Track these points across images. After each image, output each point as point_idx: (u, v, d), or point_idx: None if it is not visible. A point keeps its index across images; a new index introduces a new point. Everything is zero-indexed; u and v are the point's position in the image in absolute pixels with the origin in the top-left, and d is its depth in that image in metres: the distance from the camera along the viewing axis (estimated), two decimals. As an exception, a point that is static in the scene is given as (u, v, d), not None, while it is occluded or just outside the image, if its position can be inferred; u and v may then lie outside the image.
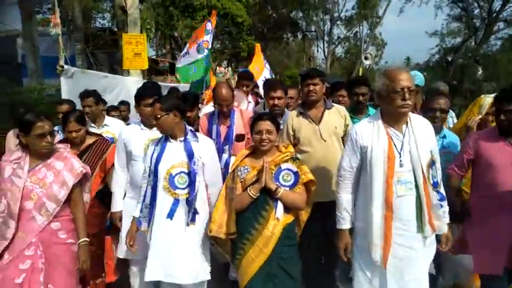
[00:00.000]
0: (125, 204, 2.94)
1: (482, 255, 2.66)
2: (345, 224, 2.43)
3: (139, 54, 5.82)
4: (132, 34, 6.25)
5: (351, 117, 3.30)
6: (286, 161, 2.58)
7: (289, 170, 2.56)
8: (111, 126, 4.02)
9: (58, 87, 10.70)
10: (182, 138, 2.67)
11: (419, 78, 3.92)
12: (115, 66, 17.24)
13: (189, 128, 2.74)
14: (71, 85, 4.49)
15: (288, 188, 2.53)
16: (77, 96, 4.36)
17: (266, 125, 2.54)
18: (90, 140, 3.13)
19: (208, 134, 3.35)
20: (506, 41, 19.32)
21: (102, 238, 3.14)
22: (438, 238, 2.41)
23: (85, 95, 4.05)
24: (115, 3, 14.69)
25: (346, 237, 2.44)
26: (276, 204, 2.49)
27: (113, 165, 3.06)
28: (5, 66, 12.00)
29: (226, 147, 3.33)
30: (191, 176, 2.58)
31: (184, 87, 6.31)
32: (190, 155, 2.61)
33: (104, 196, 3.06)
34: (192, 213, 2.60)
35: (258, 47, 6.24)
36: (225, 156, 3.32)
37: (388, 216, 2.26)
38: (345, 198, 2.43)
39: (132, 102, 3.98)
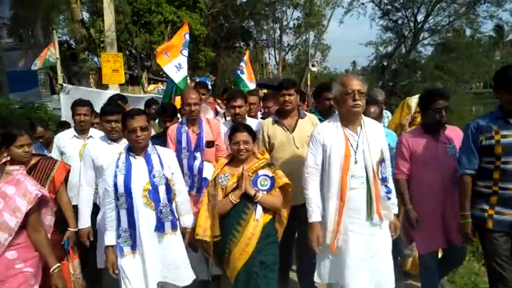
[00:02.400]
0: (101, 219, 2.94)
1: (423, 238, 3.01)
2: (315, 216, 2.58)
3: (117, 71, 6.65)
4: (110, 53, 7.06)
5: (321, 120, 3.38)
6: (263, 167, 2.74)
7: (265, 175, 2.72)
8: (96, 137, 3.78)
9: (24, 101, 11.10)
10: (145, 152, 2.67)
11: None
12: (72, 80, 17.53)
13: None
14: (68, 100, 5.30)
15: (265, 192, 2.69)
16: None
17: (243, 136, 2.70)
18: (33, 161, 2.90)
19: (178, 143, 3.41)
20: (436, 48, 22.02)
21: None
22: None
23: (80, 103, 3.91)
24: (73, 18, 15.14)
25: (317, 229, 2.58)
26: (255, 207, 2.65)
27: (63, 184, 2.95)
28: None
29: (198, 154, 3.37)
30: (167, 186, 2.63)
31: (156, 98, 7.15)
32: (162, 166, 2.64)
33: (57, 220, 2.83)
34: (175, 221, 2.68)
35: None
36: (197, 162, 3.37)
37: (341, 206, 2.50)
38: (313, 193, 2.60)
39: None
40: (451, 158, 2.92)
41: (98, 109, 5.11)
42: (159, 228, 2.60)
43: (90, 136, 3.82)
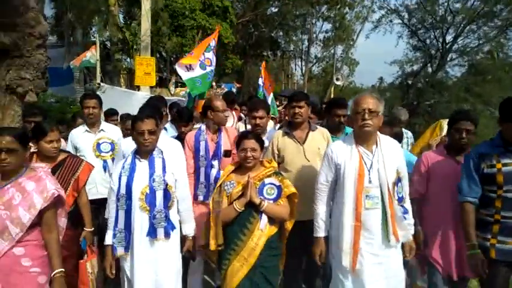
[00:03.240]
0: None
1: (437, 259, 2.94)
2: (320, 232, 2.66)
3: (149, 74, 7.12)
4: (144, 57, 7.59)
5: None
6: (270, 175, 2.69)
7: (272, 184, 2.68)
8: (108, 131, 3.98)
9: (60, 96, 11.73)
10: (150, 155, 2.67)
11: None
12: (104, 78, 18.38)
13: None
14: (104, 99, 5.76)
15: (271, 201, 2.64)
16: (108, 107, 5.11)
17: (251, 143, 2.65)
18: (61, 156, 2.97)
19: (196, 150, 3.40)
20: (469, 69, 21.85)
21: (74, 262, 2.92)
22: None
23: (88, 96, 4.03)
24: (110, 22, 15.91)
25: (321, 244, 2.66)
26: (260, 216, 2.60)
27: (85, 184, 2.99)
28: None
29: (215, 162, 3.37)
30: (165, 192, 2.63)
31: (182, 101, 7.56)
32: (164, 172, 2.64)
33: (76, 217, 2.94)
34: (171, 228, 2.66)
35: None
36: (214, 171, 3.37)
37: (357, 226, 2.49)
38: (321, 209, 2.66)
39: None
40: None
41: (129, 108, 5.43)
42: (151, 233, 2.59)
43: (102, 130, 3.94)
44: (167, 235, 2.63)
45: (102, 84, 5.95)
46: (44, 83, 5.36)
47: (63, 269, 2.37)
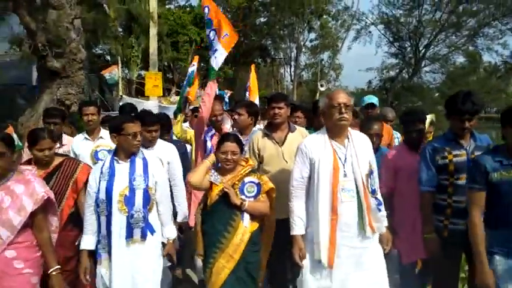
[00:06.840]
0: None
1: (406, 248, 3.09)
2: (298, 230, 2.58)
3: (157, 86, 8.62)
4: (152, 72, 9.07)
5: None
6: (248, 174, 2.75)
7: (251, 182, 2.74)
8: (106, 138, 3.70)
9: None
10: (130, 158, 2.62)
11: (375, 99, 4.79)
12: (103, 87, 19.72)
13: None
14: None
15: (252, 199, 2.69)
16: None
17: (232, 146, 2.66)
18: (57, 161, 2.88)
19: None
20: (448, 75, 23.76)
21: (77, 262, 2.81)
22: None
23: (87, 103, 3.96)
24: (115, 36, 17.17)
25: (300, 243, 2.57)
26: (243, 214, 2.65)
27: (84, 184, 2.85)
28: (22, 87, 14.02)
29: None
30: (145, 193, 2.57)
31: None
32: (145, 172, 2.60)
33: (78, 217, 2.85)
34: (149, 230, 2.59)
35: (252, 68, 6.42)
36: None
37: (333, 219, 2.46)
38: (297, 205, 2.59)
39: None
40: None
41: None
42: (128, 234, 2.54)
43: (101, 137, 3.84)
44: (143, 236, 2.57)
45: (124, 96, 7.32)
46: (84, 97, 6.83)
47: (58, 266, 2.43)
